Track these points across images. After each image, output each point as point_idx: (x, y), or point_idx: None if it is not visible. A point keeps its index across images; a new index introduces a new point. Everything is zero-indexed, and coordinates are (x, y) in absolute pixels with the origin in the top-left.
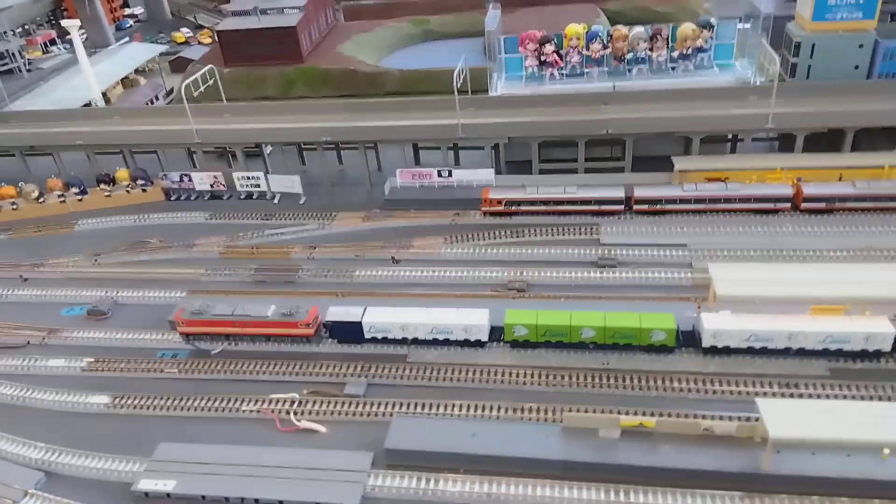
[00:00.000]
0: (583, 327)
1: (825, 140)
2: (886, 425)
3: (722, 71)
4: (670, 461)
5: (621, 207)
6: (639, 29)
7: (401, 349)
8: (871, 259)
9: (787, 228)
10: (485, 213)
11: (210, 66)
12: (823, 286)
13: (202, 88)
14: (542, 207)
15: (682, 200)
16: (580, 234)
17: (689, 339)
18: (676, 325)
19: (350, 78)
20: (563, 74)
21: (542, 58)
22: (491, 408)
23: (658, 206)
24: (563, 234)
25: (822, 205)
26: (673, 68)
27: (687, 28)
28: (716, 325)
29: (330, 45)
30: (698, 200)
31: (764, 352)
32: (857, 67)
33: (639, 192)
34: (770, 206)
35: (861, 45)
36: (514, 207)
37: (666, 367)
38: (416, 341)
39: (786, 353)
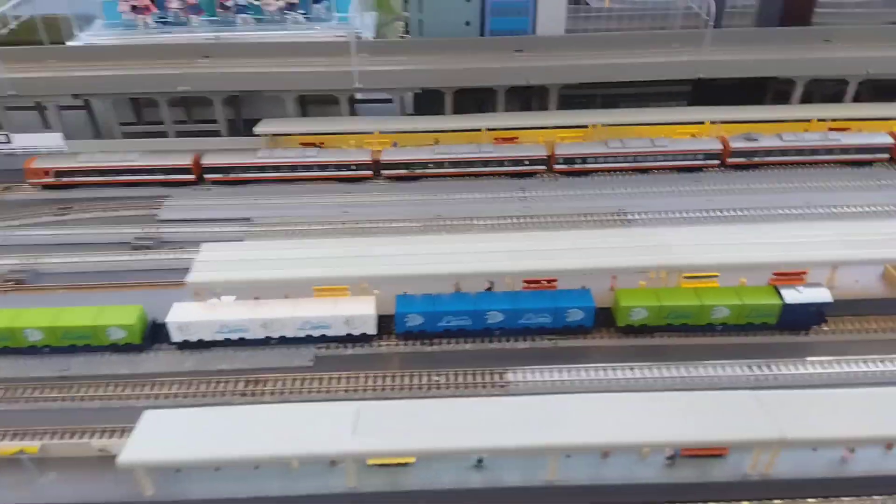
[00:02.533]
0: (26, 328)
1: (440, 101)
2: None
3: (339, 24)
4: (48, 495)
5: (192, 177)
6: None
7: None
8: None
9: (365, 199)
10: (37, 187)
11: None
12: (324, 265)
13: None
14: (102, 178)
15: (257, 168)
16: (139, 209)
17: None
18: (144, 320)
19: None
20: (160, 22)
21: (133, 2)
22: None
23: (231, 176)
24: (119, 210)
25: (403, 171)
26: (285, 19)
27: None
28: (179, 317)
29: None
30: (275, 168)
31: (244, 343)
32: (468, 24)
33: (207, 160)
34: (352, 173)
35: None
36: (66, 179)
37: (132, 369)
38: None
39: (268, 342)
